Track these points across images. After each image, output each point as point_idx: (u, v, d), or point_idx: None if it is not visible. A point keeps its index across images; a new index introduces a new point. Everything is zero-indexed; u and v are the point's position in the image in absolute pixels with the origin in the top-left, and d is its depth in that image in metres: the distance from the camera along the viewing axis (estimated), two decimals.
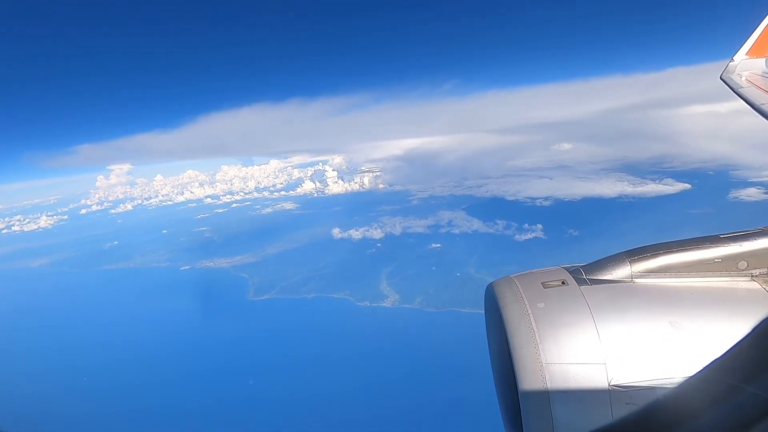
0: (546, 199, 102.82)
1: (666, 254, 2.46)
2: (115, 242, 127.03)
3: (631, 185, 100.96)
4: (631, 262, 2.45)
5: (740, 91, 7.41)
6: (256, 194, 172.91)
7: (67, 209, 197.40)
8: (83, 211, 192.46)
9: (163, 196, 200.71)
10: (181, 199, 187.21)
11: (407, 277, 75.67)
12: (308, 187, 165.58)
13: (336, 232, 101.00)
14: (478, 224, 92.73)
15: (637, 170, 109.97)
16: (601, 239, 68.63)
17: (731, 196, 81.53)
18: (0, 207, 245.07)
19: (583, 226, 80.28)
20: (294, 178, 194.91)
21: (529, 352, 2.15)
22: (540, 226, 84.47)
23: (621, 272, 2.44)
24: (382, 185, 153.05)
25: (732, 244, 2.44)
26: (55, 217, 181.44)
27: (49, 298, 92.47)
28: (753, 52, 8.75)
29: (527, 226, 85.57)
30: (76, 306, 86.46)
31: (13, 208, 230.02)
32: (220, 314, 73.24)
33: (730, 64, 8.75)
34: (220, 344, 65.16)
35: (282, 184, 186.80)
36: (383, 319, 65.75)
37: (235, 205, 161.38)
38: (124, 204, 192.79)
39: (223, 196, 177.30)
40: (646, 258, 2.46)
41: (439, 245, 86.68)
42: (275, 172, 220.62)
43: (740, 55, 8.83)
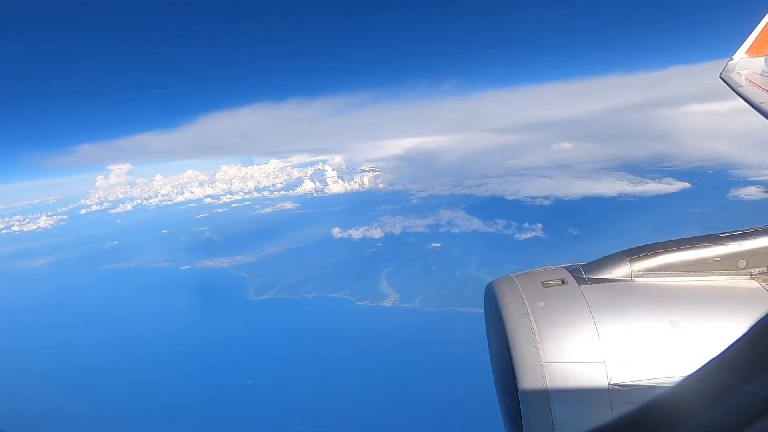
0: (546, 198, 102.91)
1: (665, 253, 2.46)
2: (115, 242, 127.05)
3: (631, 184, 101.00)
4: (631, 261, 2.45)
5: (740, 90, 7.42)
6: (256, 194, 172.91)
7: (67, 209, 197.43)
8: (83, 211, 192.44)
9: (162, 195, 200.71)
10: (180, 198, 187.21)
11: (407, 276, 75.73)
12: (308, 186, 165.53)
13: (336, 232, 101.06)
14: (478, 223, 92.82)
15: (637, 169, 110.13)
16: (600, 238, 68.65)
17: (731, 195, 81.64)
18: (0, 207, 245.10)
19: (583, 225, 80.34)
20: (294, 177, 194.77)
21: (529, 351, 2.15)
22: (540, 226, 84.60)
23: (621, 271, 2.44)
24: (382, 185, 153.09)
25: (731, 243, 2.45)
26: (55, 217, 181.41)
27: (49, 298, 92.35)
28: (752, 51, 8.76)
29: (527, 225, 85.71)
30: (76, 306, 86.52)
31: (13, 208, 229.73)
32: (220, 314, 73.25)
33: (730, 62, 8.76)
34: (220, 344, 65.19)
35: (282, 183, 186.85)
36: (383, 318, 65.79)
37: (234, 205, 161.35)
38: (123, 204, 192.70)
39: (222, 196, 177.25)
40: (646, 257, 2.46)
41: (439, 245, 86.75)
42: (275, 172, 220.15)
43: (740, 54, 8.83)
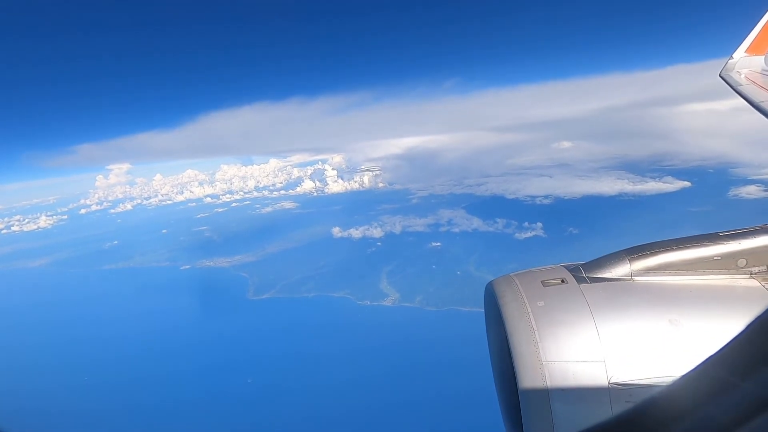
0: (546, 197, 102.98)
1: (665, 252, 2.45)
2: (115, 242, 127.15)
3: (631, 183, 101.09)
4: (631, 260, 2.45)
5: (739, 88, 7.41)
6: (256, 193, 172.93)
7: (67, 209, 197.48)
8: (83, 211, 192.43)
9: (162, 195, 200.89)
10: (180, 198, 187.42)
11: (407, 275, 75.76)
12: (308, 186, 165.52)
13: (336, 231, 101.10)
14: (478, 223, 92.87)
15: (637, 168, 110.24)
16: (600, 237, 68.67)
17: (731, 193, 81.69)
18: (0, 207, 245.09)
19: (583, 224, 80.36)
20: (294, 177, 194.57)
21: (529, 351, 2.14)
22: (540, 225, 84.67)
23: (620, 270, 2.43)
24: (382, 184, 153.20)
25: (731, 242, 2.44)
26: (55, 217, 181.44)
27: (49, 298, 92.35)
28: (752, 50, 8.76)
29: (527, 224, 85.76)
30: (76, 306, 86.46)
31: (13, 208, 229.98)
32: (220, 313, 73.32)
33: (730, 61, 8.75)
34: (220, 343, 65.26)
35: (281, 183, 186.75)
36: (383, 317, 65.83)
37: (234, 205, 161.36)
38: (123, 204, 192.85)
39: (222, 196, 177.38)
40: (646, 256, 2.45)
41: (439, 244, 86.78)
42: (275, 172, 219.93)
43: (739, 53, 8.83)
